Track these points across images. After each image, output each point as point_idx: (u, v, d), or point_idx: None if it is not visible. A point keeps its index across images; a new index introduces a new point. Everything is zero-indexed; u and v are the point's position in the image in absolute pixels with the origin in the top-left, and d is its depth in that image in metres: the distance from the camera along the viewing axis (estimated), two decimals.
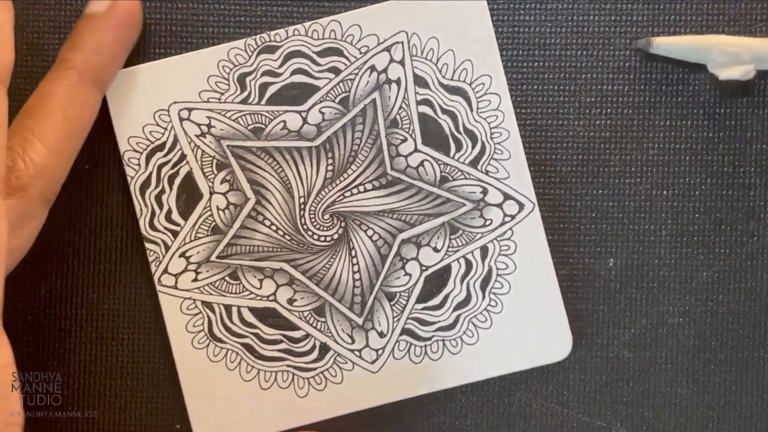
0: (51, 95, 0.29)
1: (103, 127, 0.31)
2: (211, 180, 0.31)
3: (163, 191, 0.31)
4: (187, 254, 0.31)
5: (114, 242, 0.32)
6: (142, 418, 0.32)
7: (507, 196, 0.31)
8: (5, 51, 0.26)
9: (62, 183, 0.30)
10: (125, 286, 0.32)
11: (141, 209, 0.31)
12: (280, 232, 0.31)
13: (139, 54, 0.32)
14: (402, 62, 0.31)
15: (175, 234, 0.31)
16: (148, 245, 0.31)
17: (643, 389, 0.32)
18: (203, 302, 0.31)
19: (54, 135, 0.29)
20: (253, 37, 0.31)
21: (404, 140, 0.31)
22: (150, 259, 0.31)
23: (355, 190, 0.31)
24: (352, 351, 0.31)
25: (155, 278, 0.31)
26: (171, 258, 0.31)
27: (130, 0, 0.30)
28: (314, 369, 0.31)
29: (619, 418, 0.32)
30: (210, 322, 0.31)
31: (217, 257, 0.32)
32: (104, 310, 0.32)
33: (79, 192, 0.32)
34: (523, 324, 0.31)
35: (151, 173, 0.31)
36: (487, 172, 0.31)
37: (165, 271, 0.31)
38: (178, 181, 0.31)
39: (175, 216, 0.31)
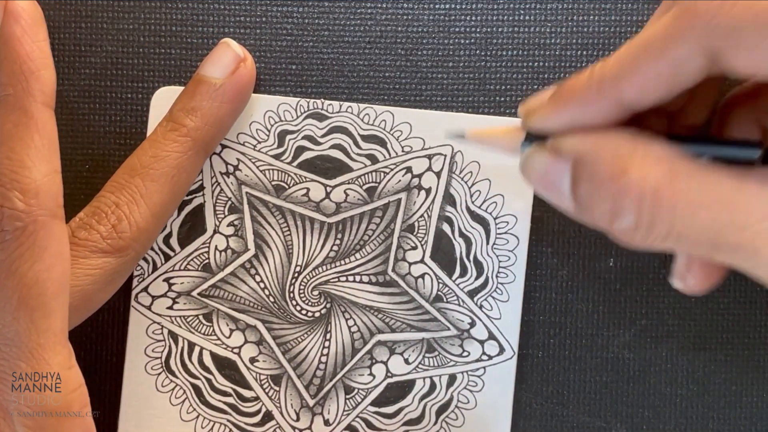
0: (163, 159, 0.29)
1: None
2: (220, 219, 0.31)
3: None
4: (171, 281, 0.31)
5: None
6: (142, 418, 0.32)
7: (492, 336, 0.31)
8: (49, 74, 0.27)
9: (156, 238, 0.31)
10: (125, 286, 0.32)
11: None
12: (266, 292, 0.31)
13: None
14: (438, 174, 0.31)
15: (167, 258, 0.31)
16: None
17: (643, 389, 0.32)
18: (170, 332, 0.31)
19: (160, 200, 0.29)
20: (307, 100, 0.31)
21: (414, 248, 0.31)
22: (135, 273, 0.31)
23: (351, 278, 0.31)
24: (294, 428, 0.31)
25: (133, 292, 0.31)
26: (155, 279, 0.31)
27: (249, 68, 0.31)
28: None
29: (619, 418, 0.32)
30: (170, 353, 0.32)
31: (199, 294, 0.32)
32: (104, 311, 0.32)
33: (79, 192, 0.32)
34: None
35: None
36: (481, 307, 0.31)
37: (145, 289, 0.31)
38: (188, 209, 0.31)
39: (173, 241, 0.31)
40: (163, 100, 0.31)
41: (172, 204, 0.30)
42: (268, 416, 0.32)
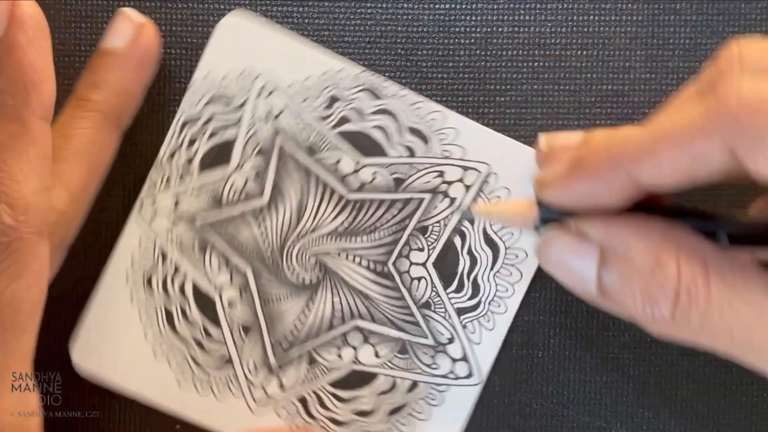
0: (73, 138, 0.29)
1: None
2: (245, 159, 0.31)
3: (202, 132, 0.31)
4: (179, 201, 0.31)
5: (114, 242, 0.32)
6: (142, 418, 0.32)
7: (465, 358, 0.31)
8: (50, 87, 0.26)
9: (80, 226, 0.30)
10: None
11: (171, 139, 0.31)
12: (266, 244, 0.31)
13: None
14: (468, 188, 0.31)
15: (182, 178, 0.31)
16: (153, 172, 0.31)
17: (643, 389, 0.32)
18: (161, 250, 0.31)
19: (77, 181, 0.28)
20: (368, 73, 0.31)
21: (420, 249, 0.31)
22: (146, 185, 0.31)
23: (351, 258, 0.31)
24: (247, 380, 0.31)
25: (138, 201, 0.31)
26: (164, 193, 0.31)
27: (150, 35, 0.30)
28: (208, 374, 0.31)
29: (619, 418, 0.32)
30: (153, 270, 0.31)
31: (200, 224, 0.31)
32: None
33: None
34: None
35: (202, 116, 0.31)
36: (464, 327, 0.31)
37: (153, 203, 0.31)
38: (217, 140, 0.31)
39: (194, 164, 0.31)
40: None
41: (92, 182, 0.29)
42: (226, 361, 0.31)
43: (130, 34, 0.29)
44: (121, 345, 0.31)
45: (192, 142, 0.31)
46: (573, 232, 0.26)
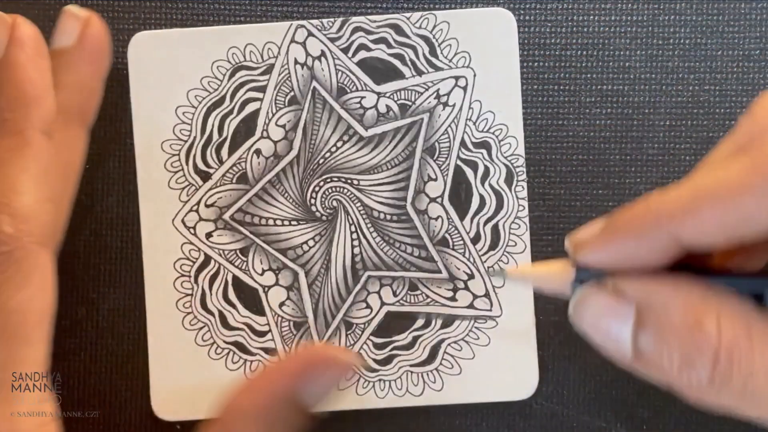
0: None
1: (103, 125, 0.31)
2: (273, 113, 0.31)
3: (231, 113, 0.32)
4: (209, 200, 0.32)
5: (114, 242, 0.32)
6: (142, 418, 0.32)
7: (487, 295, 0.32)
8: (50, 102, 0.27)
9: (64, 230, 0.30)
10: (125, 286, 0.32)
11: (197, 132, 0.32)
12: (292, 201, 0.32)
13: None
14: (464, 90, 0.31)
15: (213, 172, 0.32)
16: (190, 176, 0.32)
17: (643, 389, 0.32)
18: (206, 255, 0.32)
19: (53, 185, 0.28)
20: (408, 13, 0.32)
21: (434, 180, 0.32)
22: (181, 184, 0.31)
23: (370, 195, 0.32)
24: None
25: (184, 208, 0.31)
26: (202, 197, 0.32)
27: (97, 27, 0.30)
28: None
29: (619, 418, 0.32)
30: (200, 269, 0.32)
31: (232, 217, 0.32)
32: (104, 310, 0.32)
33: (79, 192, 0.32)
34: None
35: (227, 93, 0.32)
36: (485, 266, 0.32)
37: (196, 210, 0.32)
38: (242, 116, 0.32)
39: (225, 150, 0.32)
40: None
41: (69, 183, 0.29)
42: (271, 352, 0.32)
43: (76, 30, 0.29)
44: (193, 379, 0.32)
45: (222, 123, 0.32)
46: (609, 290, 0.25)
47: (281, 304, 0.32)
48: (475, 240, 0.32)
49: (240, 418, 0.27)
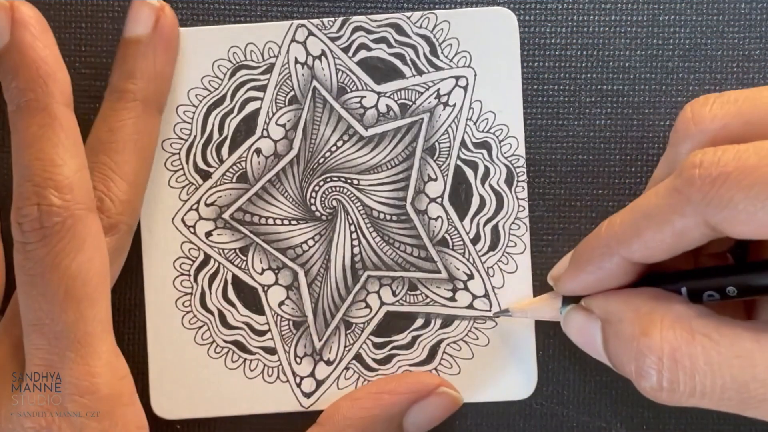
0: (120, 129, 0.30)
1: None
2: (274, 112, 0.31)
3: (231, 112, 0.32)
4: (209, 200, 0.32)
5: None
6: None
7: (486, 296, 0.32)
8: (64, 75, 0.28)
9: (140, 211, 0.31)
10: (126, 286, 0.32)
11: (197, 131, 0.32)
12: (292, 201, 0.32)
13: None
14: (465, 89, 0.31)
15: (206, 176, 0.32)
16: (191, 174, 0.32)
17: None
18: (206, 254, 0.32)
19: (131, 168, 0.30)
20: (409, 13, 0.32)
21: (434, 180, 0.32)
22: (181, 183, 0.32)
23: (369, 195, 0.32)
24: (292, 372, 0.32)
25: (184, 207, 0.32)
26: (202, 196, 0.32)
27: (170, 18, 0.30)
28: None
29: (619, 418, 0.32)
30: (199, 268, 0.32)
31: (231, 216, 0.32)
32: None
33: None
34: None
35: (227, 92, 0.32)
36: (485, 267, 0.32)
37: (195, 209, 0.32)
38: (242, 115, 0.32)
39: (225, 150, 0.32)
40: None
41: (144, 168, 0.30)
42: (271, 351, 0.32)
43: (151, 19, 0.30)
44: (193, 378, 0.32)
45: (222, 123, 0.32)
46: (582, 309, 0.28)
47: (281, 304, 0.32)
48: (475, 240, 0.32)
49: (343, 428, 0.30)
